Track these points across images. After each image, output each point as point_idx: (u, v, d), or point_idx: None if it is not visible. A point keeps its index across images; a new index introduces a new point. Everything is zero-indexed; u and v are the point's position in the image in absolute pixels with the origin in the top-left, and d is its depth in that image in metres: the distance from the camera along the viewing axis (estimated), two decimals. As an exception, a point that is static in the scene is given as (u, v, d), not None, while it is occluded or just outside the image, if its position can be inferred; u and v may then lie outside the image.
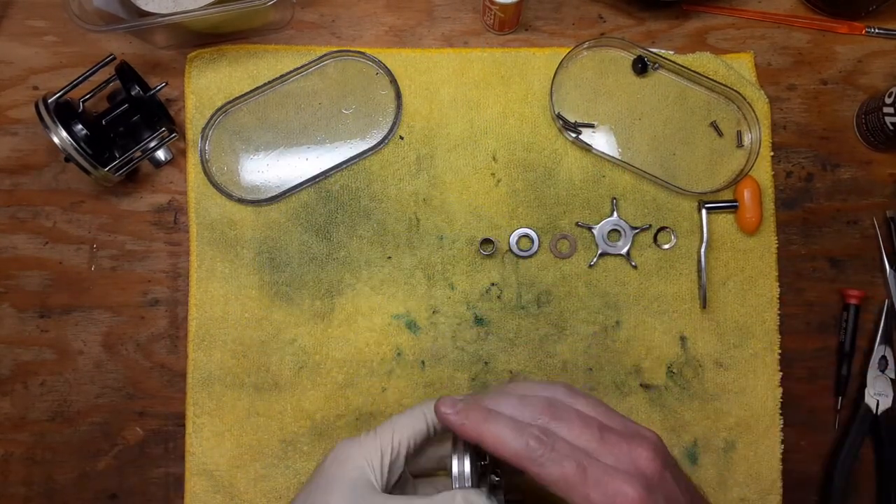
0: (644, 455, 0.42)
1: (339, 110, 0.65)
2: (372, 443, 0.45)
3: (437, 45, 0.67)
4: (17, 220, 0.64)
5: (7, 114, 0.65)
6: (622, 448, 0.42)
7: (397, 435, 0.46)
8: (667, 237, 0.65)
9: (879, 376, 0.63)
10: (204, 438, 0.62)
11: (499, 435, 0.41)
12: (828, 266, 0.65)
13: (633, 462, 0.42)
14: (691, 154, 0.65)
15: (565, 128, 0.64)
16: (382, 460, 0.44)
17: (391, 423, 0.46)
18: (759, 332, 0.63)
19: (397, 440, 0.45)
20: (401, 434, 0.46)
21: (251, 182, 0.65)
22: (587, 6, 0.68)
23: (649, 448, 0.42)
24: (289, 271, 0.63)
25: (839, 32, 0.67)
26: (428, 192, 0.64)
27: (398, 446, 0.45)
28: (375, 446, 0.45)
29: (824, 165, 0.66)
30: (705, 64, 0.65)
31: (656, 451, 0.42)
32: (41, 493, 0.62)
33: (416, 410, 0.47)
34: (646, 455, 0.42)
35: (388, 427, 0.46)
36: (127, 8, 0.62)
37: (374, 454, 0.44)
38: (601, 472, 0.40)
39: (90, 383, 0.63)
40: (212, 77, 0.65)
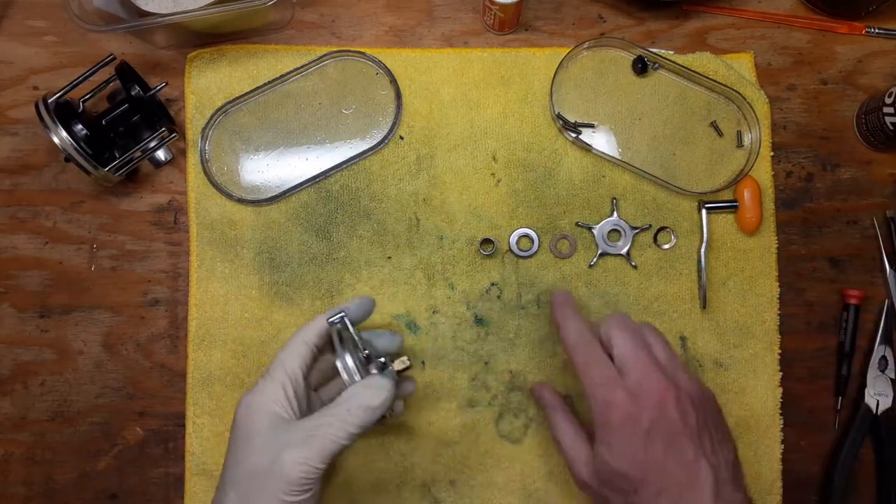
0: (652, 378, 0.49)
1: (339, 110, 0.65)
2: (271, 384, 0.48)
3: (437, 45, 0.67)
4: (17, 220, 0.64)
5: (7, 114, 0.65)
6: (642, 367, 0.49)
7: (288, 367, 0.49)
8: (667, 237, 0.65)
9: (879, 376, 0.63)
10: (204, 438, 0.62)
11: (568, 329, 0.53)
12: (828, 266, 0.65)
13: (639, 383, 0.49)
14: (691, 154, 0.65)
15: (565, 128, 0.64)
16: (287, 393, 0.48)
17: (279, 361, 0.50)
18: (759, 333, 0.63)
19: (290, 371, 0.49)
20: (291, 364, 0.49)
21: (251, 182, 0.65)
22: (587, 6, 0.68)
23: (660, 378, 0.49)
24: (289, 271, 0.63)
25: (839, 32, 0.67)
26: (428, 192, 0.64)
27: (294, 376, 0.49)
28: (275, 385, 0.48)
29: (824, 165, 0.66)
30: (705, 64, 0.65)
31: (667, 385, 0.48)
32: (41, 493, 0.62)
33: (294, 340, 0.51)
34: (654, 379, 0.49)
35: (277, 365, 0.49)
36: (127, 8, 0.62)
37: (276, 393, 0.48)
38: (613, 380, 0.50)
39: (90, 383, 0.63)
40: (212, 77, 0.65)
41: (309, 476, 0.44)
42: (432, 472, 0.62)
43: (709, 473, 0.47)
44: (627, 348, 0.50)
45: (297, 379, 0.49)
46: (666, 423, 0.47)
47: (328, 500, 0.61)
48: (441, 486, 0.62)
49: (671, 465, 0.47)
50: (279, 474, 0.44)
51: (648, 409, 0.47)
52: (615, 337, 0.51)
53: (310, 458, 0.44)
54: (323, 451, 0.45)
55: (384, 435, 0.62)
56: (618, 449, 0.48)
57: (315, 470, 0.44)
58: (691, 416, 0.48)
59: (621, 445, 0.48)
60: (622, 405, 0.48)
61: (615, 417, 0.48)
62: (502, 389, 0.63)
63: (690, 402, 0.49)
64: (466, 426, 0.62)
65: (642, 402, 0.48)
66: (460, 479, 0.62)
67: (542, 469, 0.62)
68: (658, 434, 0.47)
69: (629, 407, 0.48)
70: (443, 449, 0.62)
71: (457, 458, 0.62)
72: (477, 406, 0.63)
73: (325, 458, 0.45)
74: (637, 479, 0.47)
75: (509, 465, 0.62)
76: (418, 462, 0.62)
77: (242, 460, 0.46)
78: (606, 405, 0.48)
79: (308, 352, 0.51)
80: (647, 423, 0.47)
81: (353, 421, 0.46)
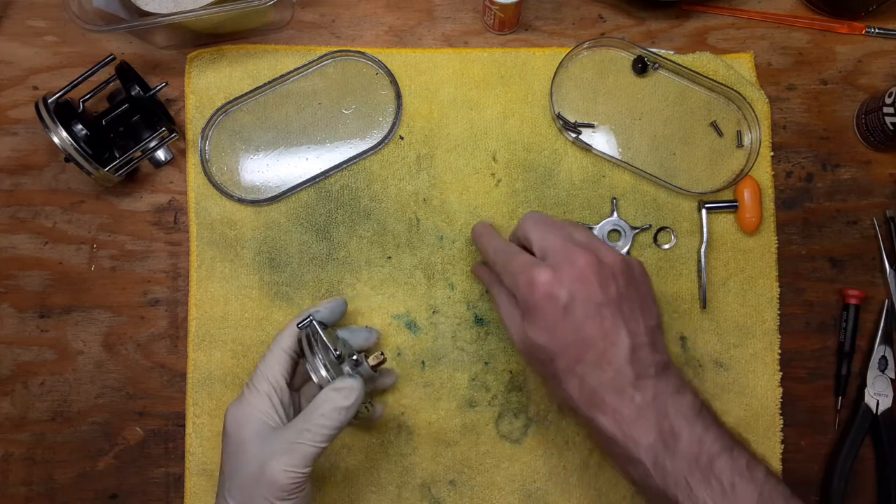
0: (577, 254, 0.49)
1: (339, 110, 0.65)
2: (256, 395, 0.51)
3: (437, 46, 0.67)
4: (17, 220, 0.64)
5: (7, 114, 0.65)
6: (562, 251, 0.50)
7: (271, 376, 0.51)
8: (667, 237, 0.65)
9: (879, 376, 0.63)
10: (204, 438, 0.62)
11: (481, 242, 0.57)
12: (828, 266, 0.65)
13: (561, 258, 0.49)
14: (691, 154, 0.65)
15: (565, 128, 0.64)
16: (272, 402, 0.50)
17: (261, 371, 0.52)
18: (758, 332, 0.63)
19: (273, 380, 0.51)
20: (273, 374, 0.52)
21: (251, 182, 0.65)
22: (587, 6, 0.68)
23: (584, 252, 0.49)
24: (289, 271, 0.63)
25: (839, 32, 0.67)
26: (428, 192, 0.64)
27: (277, 384, 0.51)
28: (260, 395, 0.51)
29: (824, 165, 0.66)
30: (705, 64, 0.65)
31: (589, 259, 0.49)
32: (41, 493, 0.62)
33: (273, 349, 0.53)
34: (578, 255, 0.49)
35: (259, 376, 0.52)
36: (127, 8, 0.62)
37: (262, 403, 0.50)
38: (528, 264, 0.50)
39: (90, 383, 0.63)
40: (212, 77, 0.65)
41: (296, 481, 0.47)
42: (432, 472, 0.62)
43: (625, 337, 0.48)
44: (544, 235, 0.51)
45: (281, 387, 0.52)
46: (585, 294, 0.48)
47: (328, 499, 0.61)
48: (441, 486, 0.62)
49: (589, 333, 0.48)
50: (270, 482, 0.47)
51: (568, 283, 0.48)
52: (531, 231, 0.52)
53: (295, 464, 0.47)
54: (306, 457, 0.47)
55: (384, 434, 0.62)
56: (539, 324, 0.49)
57: (301, 475, 0.47)
58: (611, 286, 0.49)
59: (542, 320, 0.48)
60: (543, 283, 0.48)
61: (537, 296, 0.48)
62: (502, 389, 0.63)
63: (611, 273, 0.49)
64: (466, 426, 0.62)
65: (562, 276, 0.48)
66: (460, 479, 0.62)
67: (542, 469, 0.62)
68: (577, 306, 0.48)
69: (550, 283, 0.48)
70: (443, 449, 0.62)
71: (457, 458, 0.62)
72: (477, 406, 0.63)
73: (309, 462, 0.48)
74: (555, 350, 0.48)
75: (509, 465, 0.62)
76: (418, 462, 0.62)
77: (236, 470, 0.49)
78: (529, 286, 0.49)
79: (288, 359, 0.53)
80: (567, 296, 0.48)
81: (327, 424, 0.48)
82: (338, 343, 0.54)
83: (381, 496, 0.62)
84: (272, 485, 0.47)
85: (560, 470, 0.62)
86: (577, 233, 0.52)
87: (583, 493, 0.62)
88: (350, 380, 0.50)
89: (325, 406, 0.49)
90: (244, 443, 0.49)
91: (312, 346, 0.52)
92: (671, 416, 0.47)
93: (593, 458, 0.62)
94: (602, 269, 0.49)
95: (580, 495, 0.62)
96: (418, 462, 0.62)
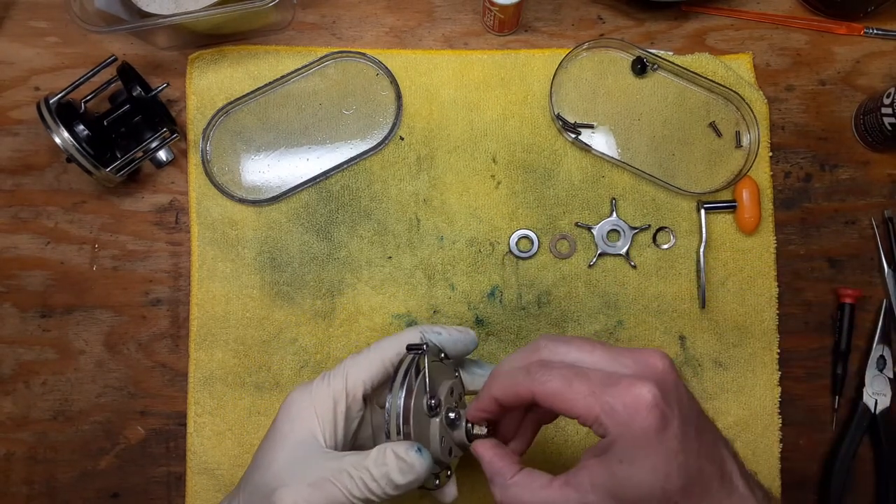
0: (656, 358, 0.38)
1: (339, 111, 0.66)
2: (324, 391, 0.43)
3: (437, 47, 0.67)
4: (18, 220, 0.65)
5: (9, 114, 0.66)
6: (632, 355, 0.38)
7: (350, 380, 0.43)
8: (666, 237, 0.65)
9: (878, 375, 0.63)
10: (205, 437, 0.62)
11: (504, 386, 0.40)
12: (826, 266, 0.66)
13: (646, 365, 0.38)
14: (690, 154, 0.65)
15: (565, 128, 0.65)
16: (336, 408, 0.43)
17: (343, 367, 0.44)
18: (757, 332, 0.64)
19: (351, 384, 0.43)
20: (355, 378, 0.43)
21: (252, 182, 0.65)
22: (587, 7, 0.68)
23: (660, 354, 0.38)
24: (290, 271, 0.64)
25: (837, 33, 0.68)
26: (428, 193, 0.65)
27: (353, 390, 0.43)
28: (327, 394, 0.43)
29: (822, 166, 0.67)
30: (704, 65, 0.65)
31: (667, 358, 0.38)
32: (43, 493, 0.63)
33: (372, 352, 0.44)
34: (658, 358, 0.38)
35: (339, 372, 0.44)
36: (128, 9, 0.62)
37: (325, 404, 0.43)
38: (613, 380, 0.37)
39: (92, 383, 0.63)
40: (213, 78, 0.65)
41: None
42: (432, 471, 0.62)
43: (728, 453, 0.39)
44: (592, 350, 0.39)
45: (355, 396, 0.43)
46: (687, 407, 0.37)
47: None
48: (441, 485, 0.62)
49: (705, 459, 0.37)
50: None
51: (672, 393, 0.37)
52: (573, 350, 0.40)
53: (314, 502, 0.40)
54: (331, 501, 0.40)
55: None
56: (646, 460, 0.36)
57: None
58: (691, 395, 0.39)
59: (652, 454, 0.36)
60: (651, 402, 0.36)
61: (650, 420, 0.35)
62: (502, 389, 0.63)
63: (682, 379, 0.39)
64: (466, 425, 0.63)
65: (664, 386, 0.37)
66: (460, 478, 0.61)
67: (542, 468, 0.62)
68: (686, 423, 0.37)
69: (658, 402, 0.36)
70: (443, 448, 0.62)
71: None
72: (477, 405, 0.63)
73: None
74: (671, 490, 0.36)
75: (509, 464, 0.62)
76: (419, 461, 0.62)
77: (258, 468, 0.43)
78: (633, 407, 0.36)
79: (381, 370, 0.44)
80: (678, 414, 0.36)
81: (371, 486, 0.40)
82: (443, 387, 0.44)
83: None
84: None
85: (560, 470, 0.62)
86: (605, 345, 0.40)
87: None
88: (415, 455, 0.40)
89: (378, 467, 0.40)
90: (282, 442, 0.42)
91: (405, 379, 0.41)
92: None
93: (593, 457, 0.62)
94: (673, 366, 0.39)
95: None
96: (419, 461, 0.62)
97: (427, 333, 0.46)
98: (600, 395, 0.36)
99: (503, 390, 0.40)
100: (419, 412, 0.42)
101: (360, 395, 0.44)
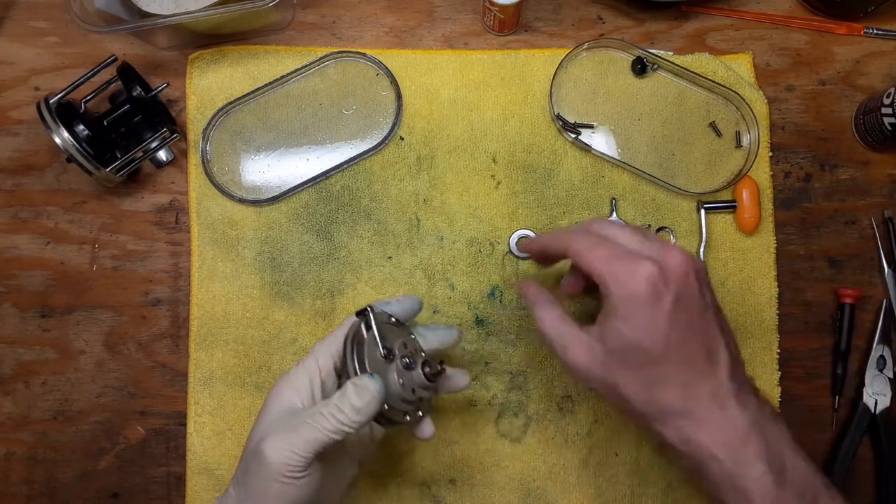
0: (675, 253, 0.45)
1: (339, 111, 0.66)
2: (299, 371, 0.49)
3: (437, 47, 0.67)
4: (18, 220, 0.65)
5: (9, 114, 0.66)
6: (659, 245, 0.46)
7: (320, 358, 0.49)
8: (666, 237, 0.65)
9: (878, 375, 0.63)
10: (205, 437, 0.62)
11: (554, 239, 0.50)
12: (826, 266, 0.66)
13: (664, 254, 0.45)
14: (690, 154, 0.65)
15: (565, 128, 0.65)
16: (312, 384, 0.48)
17: (314, 350, 0.50)
18: (757, 332, 0.64)
19: (322, 362, 0.49)
20: (323, 356, 0.49)
21: (252, 182, 0.65)
22: (587, 7, 0.68)
23: (681, 253, 0.45)
24: (290, 271, 0.64)
25: (838, 33, 0.68)
26: (428, 193, 0.65)
27: (324, 366, 0.49)
28: (302, 373, 0.49)
29: (822, 166, 0.67)
30: (704, 65, 0.65)
31: (686, 257, 0.45)
32: (43, 493, 0.63)
33: (336, 332, 0.50)
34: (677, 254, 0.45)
35: (310, 354, 0.50)
36: (128, 9, 0.62)
37: (301, 381, 0.48)
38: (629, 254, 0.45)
39: (92, 383, 0.63)
40: (213, 78, 0.65)
41: (291, 462, 0.44)
42: (432, 471, 0.62)
43: (724, 347, 0.46)
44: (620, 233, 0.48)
45: (328, 370, 0.49)
46: (689, 295, 0.45)
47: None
48: (441, 486, 0.62)
49: (693, 338, 0.45)
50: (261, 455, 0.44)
51: (673, 281, 0.44)
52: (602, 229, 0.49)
53: (294, 445, 0.44)
54: (308, 441, 0.44)
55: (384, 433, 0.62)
56: (639, 321, 0.44)
57: (299, 458, 0.44)
58: (707, 292, 0.46)
59: (643, 317, 0.44)
60: (648, 276, 0.44)
61: (640, 288, 0.44)
62: (502, 389, 0.63)
63: (705, 278, 0.47)
64: (466, 426, 0.63)
65: (667, 272, 0.44)
66: (460, 478, 0.62)
67: (542, 468, 0.62)
68: (683, 308, 0.44)
69: (655, 278, 0.44)
70: (443, 448, 0.62)
71: (457, 457, 0.62)
72: (477, 405, 0.63)
73: (311, 447, 0.44)
74: (657, 352, 0.44)
75: (509, 463, 0.62)
76: (418, 461, 0.62)
77: (248, 441, 0.47)
78: (631, 275, 0.44)
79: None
80: (673, 295, 0.44)
81: (340, 417, 0.44)
82: (395, 341, 0.50)
83: (381, 495, 0.62)
84: (262, 460, 0.44)
85: (559, 469, 0.62)
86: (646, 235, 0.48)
87: (582, 492, 0.62)
88: (367, 378, 0.46)
89: (343, 398, 0.45)
90: (268, 412, 0.47)
91: (356, 338, 0.48)
92: (774, 443, 0.44)
93: (592, 456, 0.62)
94: (698, 273, 0.46)
95: (580, 494, 0.62)
96: (418, 461, 0.62)
97: (378, 304, 0.52)
98: (612, 261, 0.45)
99: (551, 240, 0.51)
100: (375, 360, 0.48)
101: (331, 369, 0.49)
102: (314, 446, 0.44)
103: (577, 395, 0.63)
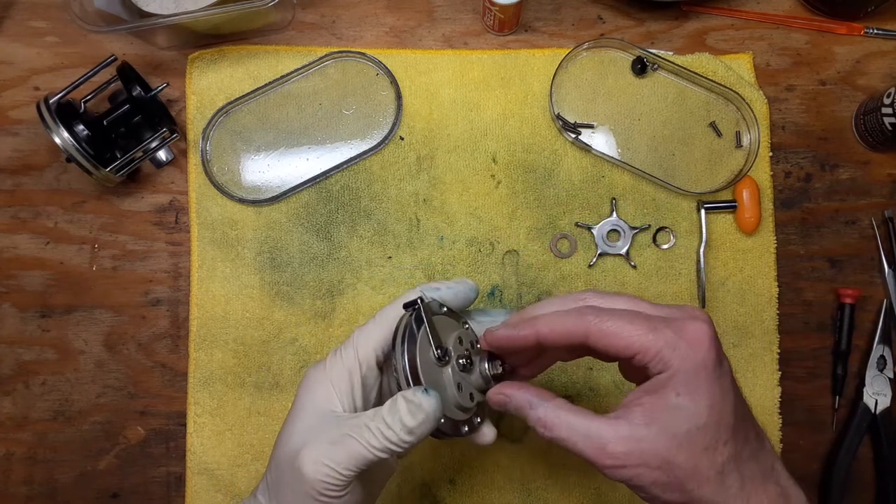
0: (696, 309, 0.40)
1: (339, 111, 0.66)
2: (338, 365, 0.43)
3: (437, 47, 0.67)
4: (18, 220, 0.65)
5: (8, 114, 0.66)
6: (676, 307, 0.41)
7: (361, 350, 0.44)
8: (666, 237, 0.65)
9: (878, 375, 0.63)
10: (205, 437, 0.62)
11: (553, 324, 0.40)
12: (826, 266, 0.66)
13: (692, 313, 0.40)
14: (690, 154, 0.65)
15: (565, 128, 0.65)
16: (352, 379, 0.43)
17: (353, 340, 0.44)
18: (757, 332, 0.64)
19: (362, 354, 0.44)
20: (365, 347, 0.44)
21: (252, 182, 0.65)
22: (587, 7, 0.68)
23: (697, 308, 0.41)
24: (290, 271, 0.64)
25: (838, 33, 0.68)
26: (428, 193, 0.65)
27: (365, 360, 0.44)
28: (341, 367, 0.43)
29: (823, 166, 0.67)
30: (704, 65, 0.65)
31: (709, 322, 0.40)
32: (43, 493, 0.63)
33: (377, 320, 0.44)
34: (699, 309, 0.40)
35: (349, 344, 0.44)
36: (128, 9, 0.62)
37: (340, 376, 0.43)
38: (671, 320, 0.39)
39: (91, 383, 0.63)
40: (213, 78, 0.65)
41: (332, 480, 0.39)
42: (432, 471, 0.62)
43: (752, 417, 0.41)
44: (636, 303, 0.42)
45: (369, 364, 0.44)
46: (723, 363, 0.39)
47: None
48: (441, 486, 0.62)
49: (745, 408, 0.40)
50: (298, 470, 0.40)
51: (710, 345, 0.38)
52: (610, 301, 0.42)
53: (336, 460, 0.39)
54: (352, 456, 0.39)
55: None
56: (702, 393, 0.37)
57: (340, 476, 0.39)
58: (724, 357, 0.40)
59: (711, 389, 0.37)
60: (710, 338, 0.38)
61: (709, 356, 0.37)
62: (502, 389, 0.63)
63: None
64: (466, 425, 0.63)
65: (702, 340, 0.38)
66: (460, 477, 0.62)
67: (542, 468, 0.62)
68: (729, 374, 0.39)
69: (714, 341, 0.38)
70: (443, 448, 0.62)
71: (457, 457, 0.62)
72: (477, 405, 0.63)
73: (354, 464, 0.39)
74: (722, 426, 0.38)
75: (509, 464, 0.62)
76: (418, 462, 0.62)
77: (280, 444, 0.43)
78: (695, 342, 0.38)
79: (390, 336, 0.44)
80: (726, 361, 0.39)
81: (388, 434, 0.39)
82: (450, 337, 0.44)
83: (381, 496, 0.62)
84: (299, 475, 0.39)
85: (559, 469, 0.62)
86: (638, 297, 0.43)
87: (582, 492, 0.62)
88: (422, 395, 0.40)
89: (390, 415, 0.40)
90: (302, 411, 0.42)
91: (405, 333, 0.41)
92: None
93: (593, 457, 0.62)
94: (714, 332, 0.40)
95: (580, 494, 0.62)
96: (418, 461, 0.62)
97: (426, 291, 0.46)
98: (662, 331, 0.38)
99: (552, 329, 0.41)
100: (428, 363, 0.42)
101: (373, 363, 0.44)
102: (357, 463, 0.39)
103: (577, 396, 0.63)
